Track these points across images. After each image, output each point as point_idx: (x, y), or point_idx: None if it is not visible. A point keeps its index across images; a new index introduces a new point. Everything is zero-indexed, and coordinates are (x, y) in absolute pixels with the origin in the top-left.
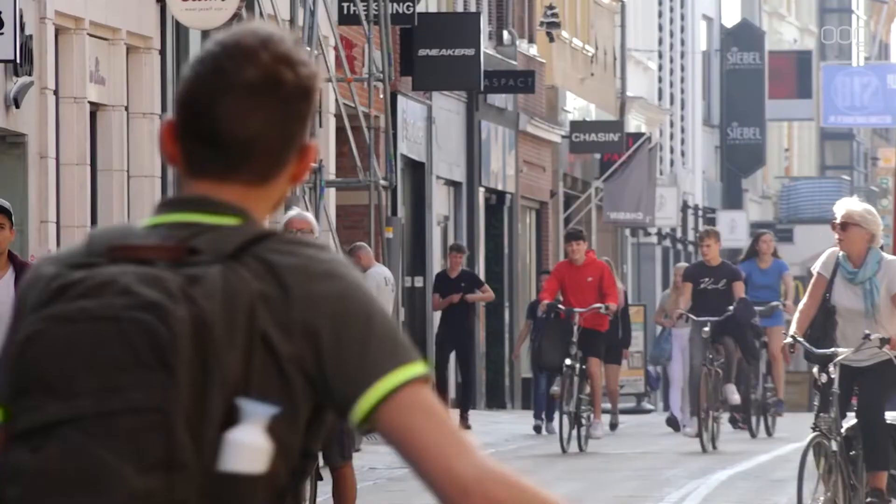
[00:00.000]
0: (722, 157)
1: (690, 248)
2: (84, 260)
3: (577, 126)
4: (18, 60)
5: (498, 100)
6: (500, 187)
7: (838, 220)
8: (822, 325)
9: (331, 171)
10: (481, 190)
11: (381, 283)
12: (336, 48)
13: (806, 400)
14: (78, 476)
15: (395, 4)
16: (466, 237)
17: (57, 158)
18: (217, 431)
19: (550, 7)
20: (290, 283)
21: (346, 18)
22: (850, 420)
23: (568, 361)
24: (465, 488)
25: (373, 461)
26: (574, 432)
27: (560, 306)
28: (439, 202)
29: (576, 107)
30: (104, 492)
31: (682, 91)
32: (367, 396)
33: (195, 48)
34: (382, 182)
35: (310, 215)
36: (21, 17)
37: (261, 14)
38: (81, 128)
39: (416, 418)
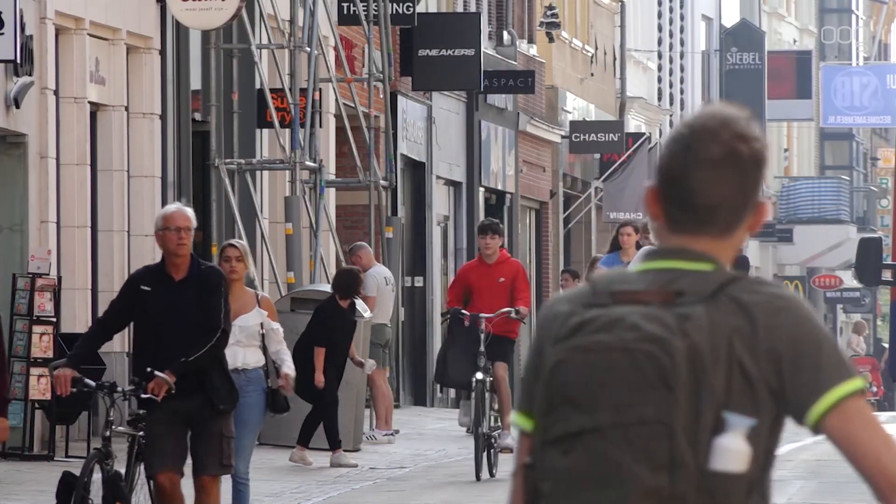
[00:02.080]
0: None
1: None
2: (593, 300)
3: (576, 126)
4: (19, 60)
5: (498, 100)
6: (500, 187)
7: None
8: None
9: (331, 171)
10: (481, 190)
11: (381, 283)
12: (336, 48)
13: None
14: (602, 474)
15: (395, 4)
16: (466, 237)
17: (57, 158)
18: (708, 438)
19: (550, 7)
20: (757, 317)
21: (346, 18)
22: None
23: (479, 375)
24: (894, 483)
25: (373, 461)
26: (486, 456)
27: (463, 311)
28: (439, 202)
29: (576, 107)
30: (623, 487)
31: (682, 91)
32: (818, 406)
33: (195, 48)
34: (382, 182)
35: (189, 210)
36: (21, 17)
37: (261, 14)
38: (81, 128)
39: (856, 424)
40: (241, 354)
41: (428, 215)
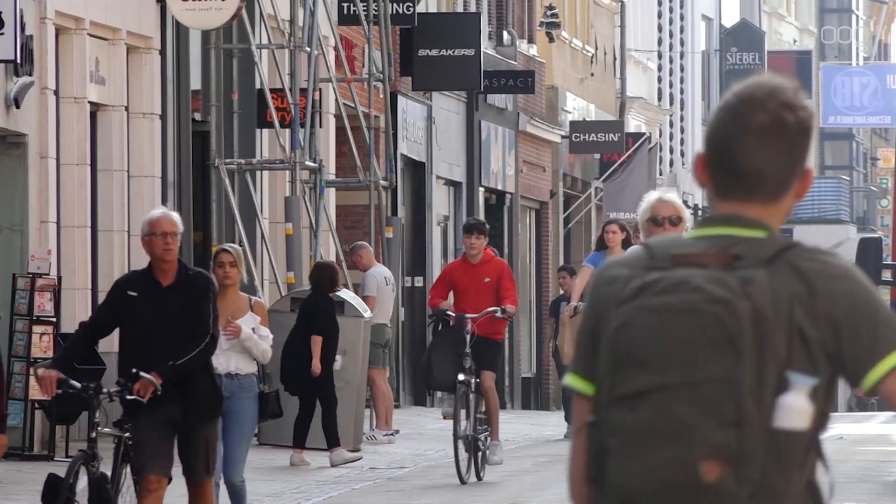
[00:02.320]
0: None
1: None
2: (652, 264)
3: (576, 126)
4: (19, 60)
5: (498, 100)
6: (500, 187)
7: (665, 215)
8: None
9: (331, 171)
10: (481, 190)
11: (381, 282)
12: (336, 48)
13: None
14: (670, 430)
15: (395, 4)
16: None
17: (57, 158)
18: (772, 397)
19: (550, 7)
20: (815, 284)
21: (346, 18)
22: None
23: (461, 377)
24: None
25: (373, 461)
26: (472, 459)
27: (449, 312)
28: (439, 202)
29: (576, 107)
30: (691, 442)
31: (682, 91)
32: (876, 370)
33: (195, 48)
34: (382, 182)
35: (175, 214)
36: (21, 17)
37: (261, 14)
38: (81, 128)
39: None
40: (234, 360)
41: (428, 215)
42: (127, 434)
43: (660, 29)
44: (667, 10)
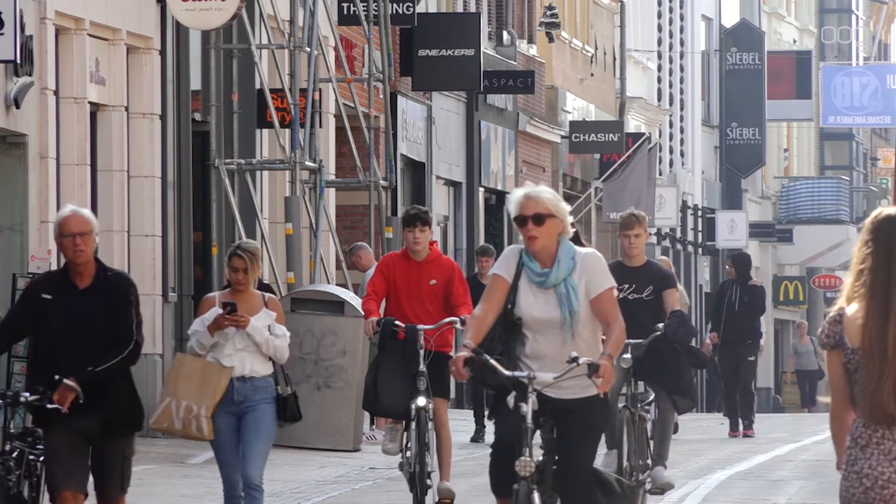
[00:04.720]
0: (721, 157)
1: (690, 248)
2: None
3: (576, 126)
4: (19, 60)
5: (498, 100)
6: (499, 187)
7: (528, 214)
8: (504, 342)
9: (331, 172)
10: (481, 190)
11: None
12: (336, 48)
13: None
14: None
15: (395, 4)
16: (466, 237)
17: (57, 158)
18: None
19: (550, 7)
20: None
21: (346, 18)
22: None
23: (420, 401)
24: None
25: (373, 461)
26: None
27: (398, 323)
28: (439, 202)
29: (575, 107)
30: None
31: (682, 91)
32: None
33: (195, 48)
34: (382, 182)
35: (86, 212)
36: (21, 17)
37: (261, 14)
38: (81, 128)
39: None
40: (249, 361)
41: None
42: (28, 448)
43: (660, 29)
44: (667, 10)
